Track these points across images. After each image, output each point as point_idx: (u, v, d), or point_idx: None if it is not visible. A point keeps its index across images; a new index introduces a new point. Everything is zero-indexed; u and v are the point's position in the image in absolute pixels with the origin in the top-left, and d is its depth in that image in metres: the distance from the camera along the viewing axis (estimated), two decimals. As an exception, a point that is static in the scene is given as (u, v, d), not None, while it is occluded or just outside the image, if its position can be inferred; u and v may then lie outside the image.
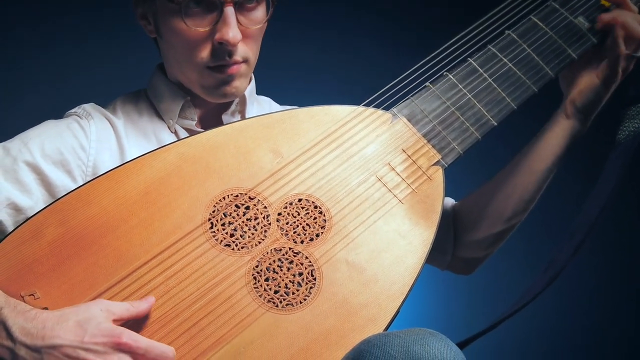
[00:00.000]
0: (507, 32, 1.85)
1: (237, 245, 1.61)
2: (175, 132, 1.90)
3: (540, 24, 1.85)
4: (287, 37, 3.56)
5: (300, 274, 1.60)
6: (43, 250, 1.55)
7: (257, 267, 1.60)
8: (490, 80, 1.80)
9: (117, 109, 1.92)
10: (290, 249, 1.62)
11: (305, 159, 1.71)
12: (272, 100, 2.12)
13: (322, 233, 1.64)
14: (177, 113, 1.90)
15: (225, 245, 1.60)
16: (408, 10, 3.98)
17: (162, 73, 1.96)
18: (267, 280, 1.59)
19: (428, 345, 1.41)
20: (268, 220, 1.64)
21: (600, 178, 1.80)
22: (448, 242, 2.04)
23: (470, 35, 1.82)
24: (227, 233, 1.61)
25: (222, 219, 1.62)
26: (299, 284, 1.59)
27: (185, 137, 1.86)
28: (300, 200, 1.67)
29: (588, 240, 1.73)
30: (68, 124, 1.84)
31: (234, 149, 1.70)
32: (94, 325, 1.41)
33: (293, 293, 1.58)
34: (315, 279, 1.60)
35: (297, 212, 1.66)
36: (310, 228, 1.65)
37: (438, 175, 1.73)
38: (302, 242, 1.63)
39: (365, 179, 1.70)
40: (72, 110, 1.90)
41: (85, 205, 1.60)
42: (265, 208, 1.65)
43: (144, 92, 1.98)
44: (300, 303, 1.57)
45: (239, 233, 1.62)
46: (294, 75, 3.75)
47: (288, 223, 1.65)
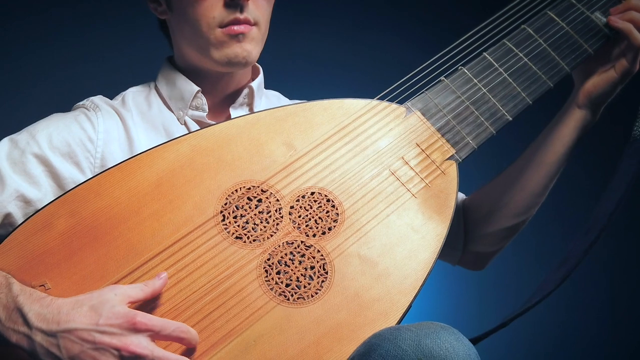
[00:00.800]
0: (523, 26, 1.84)
1: (248, 238, 1.60)
2: (185, 123, 1.90)
3: (557, 19, 1.85)
4: (300, 29, 3.56)
5: (312, 268, 1.59)
6: (54, 241, 1.55)
7: (268, 260, 1.59)
8: (506, 75, 1.79)
9: (125, 101, 1.92)
10: (302, 242, 1.61)
11: (318, 152, 1.70)
12: (281, 95, 2.12)
13: (334, 227, 1.64)
14: (187, 104, 1.89)
15: (237, 238, 1.60)
16: (424, 3, 3.97)
17: (171, 65, 1.96)
18: (278, 274, 1.58)
19: (440, 339, 1.40)
20: (280, 213, 1.63)
21: (615, 174, 1.79)
22: (459, 237, 2.04)
23: (486, 30, 1.81)
24: (239, 226, 1.61)
25: (234, 212, 1.62)
26: (311, 278, 1.58)
27: (195, 129, 1.86)
28: (313, 194, 1.66)
29: (602, 237, 1.72)
30: (75, 117, 1.84)
31: (247, 142, 1.69)
32: (108, 309, 1.41)
33: (304, 287, 1.57)
34: (327, 273, 1.59)
35: (309, 205, 1.65)
36: (323, 221, 1.64)
37: (452, 170, 1.73)
38: (314, 235, 1.63)
39: (379, 173, 1.69)
40: (79, 103, 1.90)
41: (97, 197, 1.60)
42: (278, 201, 1.64)
43: (153, 84, 1.99)
44: (312, 297, 1.57)
45: (251, 226, 1.62)
46: (308, 68, 3.75)
47: (300, 216, 1.64)
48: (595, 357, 4.02)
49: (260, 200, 1.64)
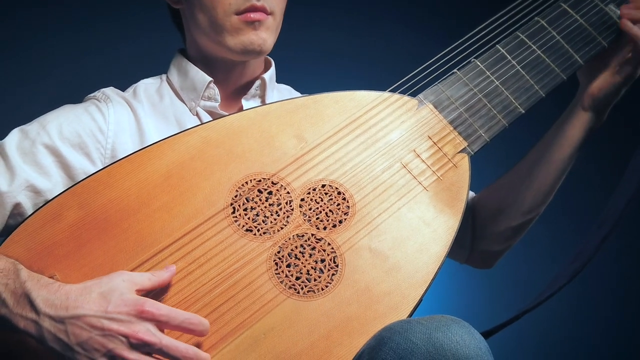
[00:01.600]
0: (536, 18, 1.83)
1: (259, 231, 1.59)
2: (197, 114, 1.90)
3: (570, 11, 1.83)
4: (312, 22, 3.55)
5: (323, 261, 1.59)
6: (63, 233, 1.55)
7: (278, 253, 1.58)
8: (519, 68, 1.79)
9: (137, 93, 1.92)
10: (313, 235, 1.61)
11: (330, 145, 1.69)
12: (292, 89, 2.12)
13: (345, 219, 1.63)
14: (200, 94, 1.89)
15: (247, 231, 1.59)
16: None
17: (184, 56, 1.96)
18: (288, 267, 1.57)
19: (450, 332, 1.40)
20: (291, 206, 1.63)
21: (627, 170, 1.79)
22: (466, 234, 2.04)
23: (499, 22, 1.80)
24: (249, 218, 1.60)
25: (244, 204, 1.61)
26: (321, 271, 1.58)
27: (207, 120, 1.86)
28: (324, 186, 1.65)
29: (614, 233, 1.71)
30: (86, 107, 1.84)
31: (258, 134, 1.68)
32: (117, 296, 1.41)
33: (315, 280, 1.57)
34: (338, 266, 1.58)
35: (320, 198, 1.64)
36: (334, 214, 1.63)
37: (464, 163, 1.72)
38: (324, 228, 1.62)
39: (390, 166, 1.68)
40: (91, 94, 1.90)
41: (107, 188, 1.59)
42: (288, 193, 1.63)
43: (165, 76, 1.98)
44: (322, 290, 1.56)
45: (261, 218, 1.61)
46: (320, 61, 3.75)
47: (311, 209, 1.63)
48: (606, 352, 4.01)
49: (271, 193, 1.63)
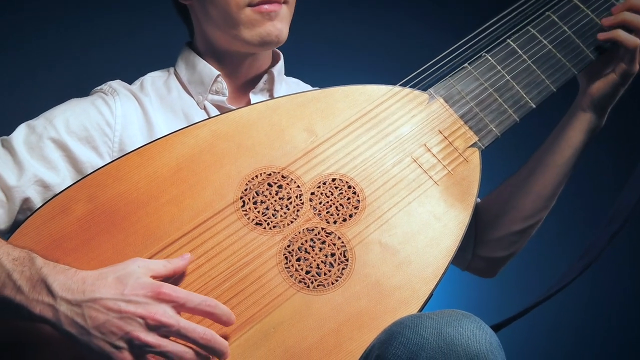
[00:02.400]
0: (547, 13, 1.83)
1: (268, 225, 1.59)
2: (205, 108, 1.89)
3: (582, 6, 1.83)
4: (323, 14, 3.55)
5: (333, 255, 1.58)
6: (72, 226, 1.55)
7: (288, 246, 1.58)
8: (530, 62, 1.78)
9: (144, 86, 1.91)
10: (323, 229, 1.60)
11: (340, 139, 1.68)
12: (300, 82, 2.11)
13: (355, 214, 1.62)
14: (207, 88, 1.88)
15: (257, 224, 1.59)
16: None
17: (191, 50, 1.95)
18: (298, 261, 1.57)
19: (461, 327, 1.39)
20: (301, 200, 1.62)
21: (638, 166, 1.78)
22: (469, 239, 2.03)
23: (510, 17, 1.80)
24: (259, 212, 1.60)
25: (254, 198, 1.61)
26: (331, 265, 1.57)
27: (215, 114, 1.85)
28: (334, 180, 1.65)
29: (625, 228, 1.71)
30: (93, 101, 1.83)
31: (268, 127, 1.68)
32: (134, 280, 1.41)
33: (325, 274, 1.56)
34: (348, 260, 1.57)
35: (330, 192, 1.63)
36: (344, 208, 1.62)
37: (475, 157, 1.71)
38: (334, 222, 1.61)
39: (401, 160, 1.68)
40: (97, 88, 1.89)
41: (115, 182, 1.59)
42: (298, 187, 1.63)
43: (172, 69, 1.98)
44: (332, 284, 1.55)
45: (271, 212, 1.60)
46: (330, 54, 3.74)
47: (321, 203, 1.62)
48: (616, 347, 4.01)
49: (281, 187, 1.63)
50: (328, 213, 1.62)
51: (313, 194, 1.63)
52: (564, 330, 3.98)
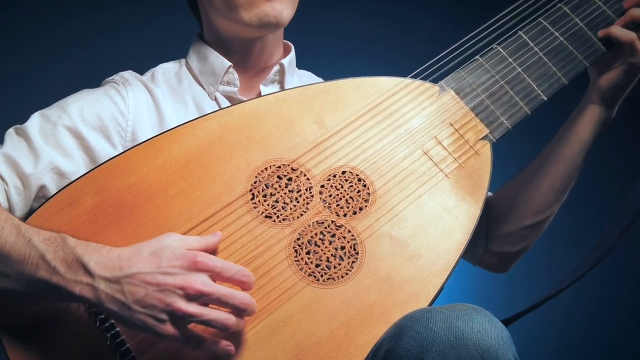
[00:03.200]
0: (559, 5, 1.82)
1: (278, 217, 1.58)
2: (216, 99, 1.89)
3: None
4: (333, 6, 3.54)
5: (343, 248, 1.57)
6: (80, 219, 1.54)
7: (298, 239, 1.57)
8: (541, 54, 1.77)
9: (155, 77, 1.91)
10: (333, 222, 1.59)
11: (350, 131, 1.68)
12: (312, 74, 2.10)
13: (365, 207, 1.61)
14: (219, 79, 1.88)
15: (266, 217, 1.58)
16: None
17: (202, 41, 1.95)
18: (308, 254, 1.56)
19: (472, 321, 1.38)
20: (310, 193, 1.61)
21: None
22: (481, 234, 2.02)
23: (522, 9, 1.79)
24: (268, 204, 1.59)
25: (263, 190, 1.60)
26: (341, 258, 1.56)
27: (226, 105, 1.85)
28: (344, 173, 1.64)
29: (637, 222, 1.70)
30: (106, 91, 1.83)
31: (277, 119, 1.67)
32: (169, 252, 1.41)
33: (335, 267, 1.55)
34: (358, 253, 1.57)
35: (340, 184, 1.63)
36: (354, 201, 1.62)
37: (486, 150, 1.70)
38: (344, 215, 1.60)
39: (411, 153, 1.67)
40: (109, 78, 1.90)
41: (124, 174, 1.59)
42: (308, 180, 1.62)
43: (184, 60, 1.98)
44: (342, 277, 1.55)
45: (281, 205, 1.60)
46: (341, 46, 3.73)
47: (331, 195, 1.62)
48: (628, 341, 4.00)
49: (291, 179, 1.62)
50: (338, 206, 1.61)
51: (323, 187, 1.62)
52: (575, 325, 3.97)
